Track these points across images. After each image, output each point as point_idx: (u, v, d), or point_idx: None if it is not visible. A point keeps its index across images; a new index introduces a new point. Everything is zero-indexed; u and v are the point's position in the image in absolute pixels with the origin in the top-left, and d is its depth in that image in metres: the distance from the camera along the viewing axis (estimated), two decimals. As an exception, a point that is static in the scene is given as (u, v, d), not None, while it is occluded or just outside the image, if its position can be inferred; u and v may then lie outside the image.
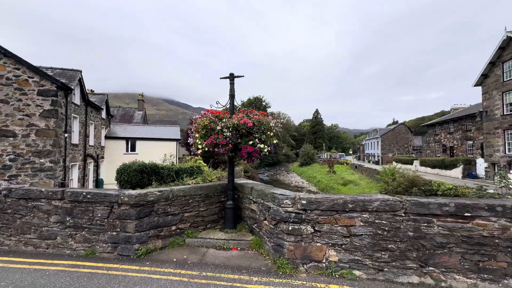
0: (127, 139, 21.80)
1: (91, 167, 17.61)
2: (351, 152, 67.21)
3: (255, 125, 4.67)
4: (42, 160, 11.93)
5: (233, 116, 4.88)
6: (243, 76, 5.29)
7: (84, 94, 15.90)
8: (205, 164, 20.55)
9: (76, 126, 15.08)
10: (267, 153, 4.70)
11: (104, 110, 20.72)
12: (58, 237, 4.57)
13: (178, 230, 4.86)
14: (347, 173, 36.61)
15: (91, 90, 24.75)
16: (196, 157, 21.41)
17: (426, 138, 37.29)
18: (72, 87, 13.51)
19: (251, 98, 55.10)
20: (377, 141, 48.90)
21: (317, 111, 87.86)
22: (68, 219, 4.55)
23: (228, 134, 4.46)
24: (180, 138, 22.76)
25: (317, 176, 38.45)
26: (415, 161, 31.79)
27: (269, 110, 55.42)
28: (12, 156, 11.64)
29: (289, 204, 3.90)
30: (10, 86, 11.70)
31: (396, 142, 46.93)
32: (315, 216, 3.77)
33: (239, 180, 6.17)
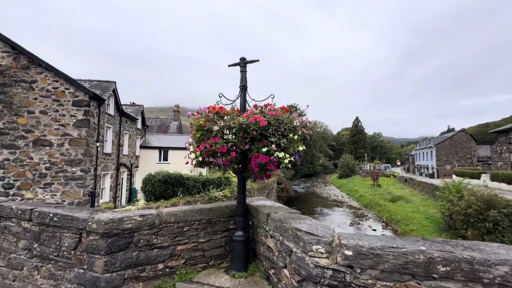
0: (160, 148, 22.08)
1: (124, 176, 17.92)
2: (398, 163, 60.59)
3: (271, 125, 3.22)
4: (73, 169, 12.10)
5: (243, 114, 3.52)
6: (258, 60, 3.93)
7: (118, 105, 16.35)
8: (234, 175, 19.57)
9: (109, 136, 15.41)
10: (288, 165, 3.19)
11: (140, 121, 21.37)
12: (25, 268, 3.64)
13: (167, 270, 3.56)
14: (395, 187, 32.34)
15: (133, 103, 26.09)
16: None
17: (496, 147, 31.08)
18: (105, 98, 13.80)
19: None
20: (431, 151, 42.79)
21: (357, 119, 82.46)
22: (35, 246, 3.61)
23: (231, 137, 3.09)
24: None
25: (359, 189, 34.84)
26: (483, 174, 26.50)
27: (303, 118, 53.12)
28: (48, 165, 12.01)
29: (321, 253, 2.30)
30: (49, 98, 12.26)
31: (455, 152, 40.34)
32: (370, 281, 2.11)
33: (255, 201, 4.68)
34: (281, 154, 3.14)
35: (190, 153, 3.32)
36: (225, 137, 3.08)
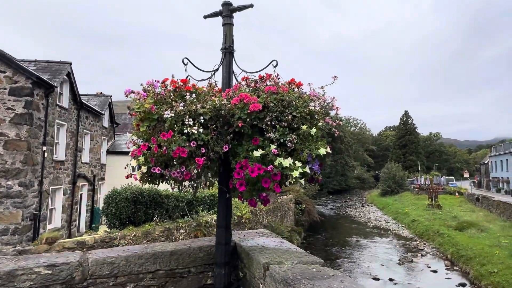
0: (134, 154, 21.69)
1: (84, 191, 17.57)
2: (466, 175, 58.64)
3: (269, 109, 2.45)
4: (9, 182, 11.72)
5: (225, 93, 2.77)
6: (251, 5, 3.18)
7: (75, 95, 16.04)
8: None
9: (62, 137, 15.08)
10: (300, 180, 2.41)
11: (107, 116, 21.12)
12: None
13: None
14: (462, 209, 31.67)
15: (100, 93, 25.84)
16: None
17: None
18: (55, 84, 13.46)
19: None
20: (513, 159, 41.03)
21: (406, 115, 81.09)
22: None
23: (196, 131, 2.33)
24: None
25: (410, 212, 34.22)
26: None
27: (332, 112, 52.07)
28: (-29, 178, 11.69)
29: None
30: (-26, 83, 11.98)
31: (548, 160, 38.35)
32: None
33: (251, 238, 3.86)
34: (287, 162, 2.35)
35: (131, 160, 2.58)
36: (186, 131, 2.32)
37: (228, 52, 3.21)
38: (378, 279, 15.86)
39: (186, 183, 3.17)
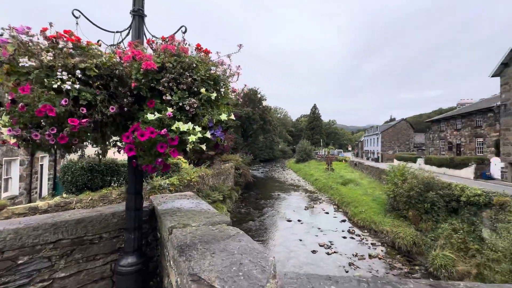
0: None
1: (45, 162, 14.48)
2: (349, 148, 64.84)
3: (166, 70, 1.70)
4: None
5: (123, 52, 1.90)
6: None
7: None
8: (185, 160, 17.53)
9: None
10: (200, 146, 1.74)
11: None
12: None
13: None
14: (346, 171, 34.05)
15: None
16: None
17: (429, 135, 34.63)
18: None
19: (245, 89, 51.65)
20: (377, 138, 46.21)
21: (315, 106, 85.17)
22: None
23: (71, 85, 1.47)
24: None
25: (314, 173, 35.86)
26: (418, 159, 29.19)
27: (264, 103, 52.29)
28: None
29: None
30: None
31: (397, 139, 44.23)
32: None
33: (175, 200, 3.12)
34: (186, 127, 1.65)
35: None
36: (55, 85, 1.44)
37: (138, 15, 2.27)
38: (290, 221, 16.41)
39: (91, 150, 2.28)
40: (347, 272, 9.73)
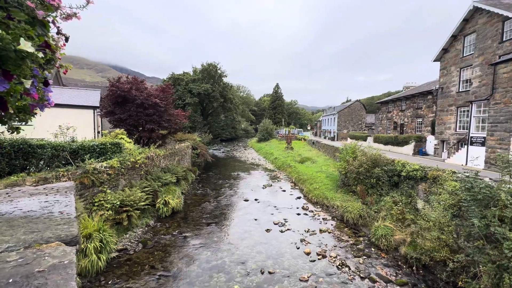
0: (15, 104, 15.27)
1: None
2: (309, 128, 67.35)
3: None
4: None
5: None
6: None
7: None
8: (130, 140, 15.60)
9: None
10: None
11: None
12: None
13: None
14: (305, 150, 35.21)
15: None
16: (117, 131, 16.17)
17: (378, 115, 37.36)
18: None
19: (205, 64, 48.60)
20: (334, 118, 48.50)
21: (277, 86, 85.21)
22: None
23: None
24: (99, 105, 17.02)
25: (274, 152, 36.33)
26: (368, 137, 31.36)
27: (225, 80, 50.00)
28: None
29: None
30: None
31: (351, 119, 47.02)
32: None
33: (12, 202, 2.09)
34: None
35: None
36: None
37: None
38: (247, 200, 16.14)
39: None
40: (298, 248, 9.86)
